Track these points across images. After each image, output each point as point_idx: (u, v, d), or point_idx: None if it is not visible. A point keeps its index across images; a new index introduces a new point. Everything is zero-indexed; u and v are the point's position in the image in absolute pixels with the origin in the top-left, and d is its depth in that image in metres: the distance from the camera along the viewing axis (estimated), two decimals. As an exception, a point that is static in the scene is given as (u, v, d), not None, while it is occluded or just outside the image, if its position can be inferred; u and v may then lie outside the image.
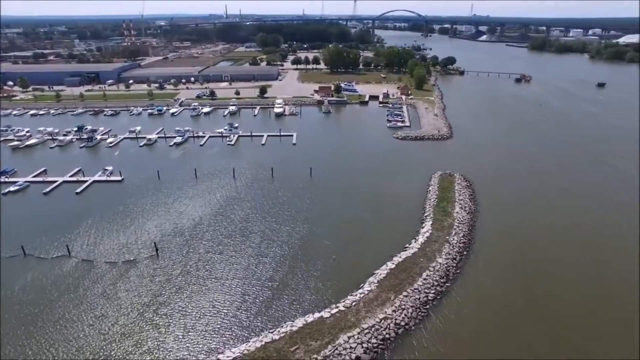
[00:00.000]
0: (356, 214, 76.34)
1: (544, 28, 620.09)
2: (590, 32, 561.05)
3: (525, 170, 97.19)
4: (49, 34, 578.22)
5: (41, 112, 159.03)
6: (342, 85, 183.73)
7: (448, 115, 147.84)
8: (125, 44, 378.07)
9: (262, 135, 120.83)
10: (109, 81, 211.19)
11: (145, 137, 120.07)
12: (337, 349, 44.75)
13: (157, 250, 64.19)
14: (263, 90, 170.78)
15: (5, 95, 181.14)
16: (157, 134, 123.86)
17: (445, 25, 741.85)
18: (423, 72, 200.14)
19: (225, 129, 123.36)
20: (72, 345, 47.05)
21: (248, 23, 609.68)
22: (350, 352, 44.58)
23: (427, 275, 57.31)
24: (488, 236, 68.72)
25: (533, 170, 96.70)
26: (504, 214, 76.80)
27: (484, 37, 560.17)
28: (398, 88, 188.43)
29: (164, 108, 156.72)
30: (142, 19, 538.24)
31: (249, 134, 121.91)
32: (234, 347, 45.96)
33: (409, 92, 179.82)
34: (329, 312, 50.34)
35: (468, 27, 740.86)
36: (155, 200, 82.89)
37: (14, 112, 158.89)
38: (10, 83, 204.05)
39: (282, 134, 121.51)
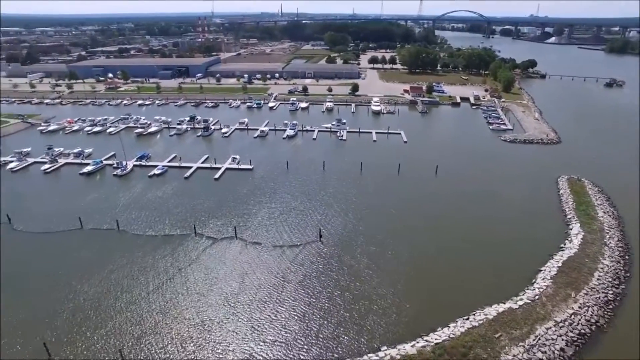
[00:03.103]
0: (493, 214, 77.05)
1: (617, 28, 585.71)
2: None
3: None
4: (121, 30, 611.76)
5: (147, 102, 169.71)
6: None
7: (547, 119, 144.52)
8: (200, 40, 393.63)
9: (371, 132, 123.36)
10: (198, 75, 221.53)
11: (257, 129, 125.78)
12: (539, 339, 46.11)
13: (321, 236, 67.70)
14: (355, 88, 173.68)
15: (112, 86, 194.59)
16: (266, 126, 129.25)
17: (507, 27, 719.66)
18: (512, 75, 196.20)
19: (333, 124, 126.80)
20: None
21: (311, 22, 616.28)
22: (553, 343, 45.80)
23: (599, 276, 57.49)
24: (645, 242, 67.57)
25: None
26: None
27: (552, 39, 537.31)
28: (486, 90, 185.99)
29: (262, 102, 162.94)
30: (212, 15, 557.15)
31: (357, 130, 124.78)
32: (437, 330, 48.21)
33: (499, 94, 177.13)
34: (515, 303, 51.74)
35: (531, 28, 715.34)
36: (301, 188, 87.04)
37: (124, 102, 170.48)
38: (110, 75, 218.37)
39: (389, 131, 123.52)
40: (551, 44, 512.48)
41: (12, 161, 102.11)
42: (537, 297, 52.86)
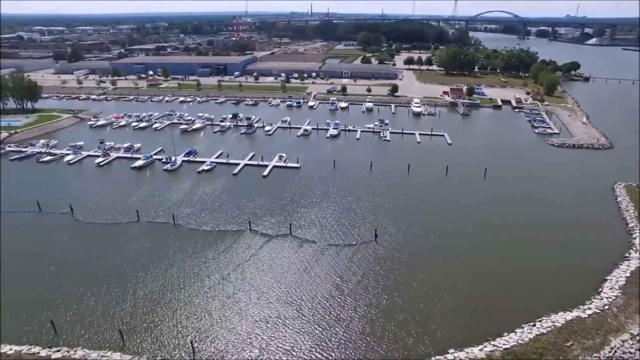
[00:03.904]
0: (549, 220, 75.05)
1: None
2: None
3: None
4: (156, 29, 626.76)
5: (188, 99, 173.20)
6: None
7: (595, 123, 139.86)
8: (235, 38, 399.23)
9: (414, 134, 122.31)
10: (236, 73, 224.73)
11: (300, 128, 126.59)
12: (616, 351, 44.68)
13: (376, 236, 67.58)
14: (394, 89, 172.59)
15: (153, 83, 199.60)
16: (309, 125, 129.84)
17: (542, 28, 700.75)
18: (555, 78, 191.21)
19: (375, 125, 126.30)
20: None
21: (343, 22, 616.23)
22: (632, 357, 44.29)
23: (673, 288, 55.28)
24: None
25: None
26: None
27: (593, 40, 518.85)
28: (528, 93, 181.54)
29: (302, 101, 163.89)
30: (246, 14, 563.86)
31: (400, 131, 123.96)
32: (504, 335, 47.39)
33: (541, 97, 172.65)
34: (583, 312, 50.34)
35: (569, 29, 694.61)
36: (350, 187, 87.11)
37: (166, 99, 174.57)
38: (151, 73, 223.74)
39: (433, 133, 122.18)
40: (592, 45, 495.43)
41: (68, 154, 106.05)
42: (606, 307, 51.25)
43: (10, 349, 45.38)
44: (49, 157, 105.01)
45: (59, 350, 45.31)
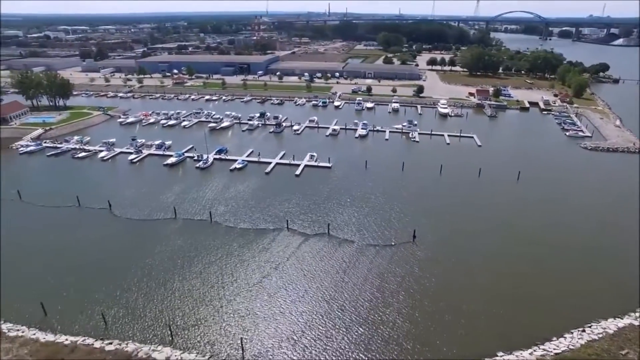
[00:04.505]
0: (590, 225, 73.81)
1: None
2: None
3: None
4: (175, 28, 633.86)
5: (214, 98, 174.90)
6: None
7: (628, 127, 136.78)
8: (255, 38, 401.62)
9: (443, 135, 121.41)
10: (259, 72, 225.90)
11: (328, 128, 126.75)
12: (674, 360, 43.67)
13: (414, 237, 67.29)
14: (420, 90, 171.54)
15: (179, 81, 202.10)
16: (337, 125, 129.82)
17: (565, 28, 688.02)
18: (585, 80, 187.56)
19: (404, 125, 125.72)
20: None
21: (362, 22, 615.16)
22: (690, 366, 43.27)
23: None
24: None
25: None
26: None
27: (619, 41, 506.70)
28: (555, 95, 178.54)
29: (327, 101, 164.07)
30: (267, 14, 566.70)
31: (429, 132, 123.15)
32: (552, 340, 46.76)
33: (570, 100, 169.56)
34: (636, 319, 49.31)
35: (593, 29, 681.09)
36: (384, 188, 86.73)
37: (192, 97, 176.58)
38: (175, 71, 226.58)
39: (462, 134, 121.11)
40: (619, 46, 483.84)
41: (101, 150, 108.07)
42: (659, 315, 50.13)
43: (66, 339, 46.44)
44: (83, 153, 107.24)
45: (111, 343, 46.17)
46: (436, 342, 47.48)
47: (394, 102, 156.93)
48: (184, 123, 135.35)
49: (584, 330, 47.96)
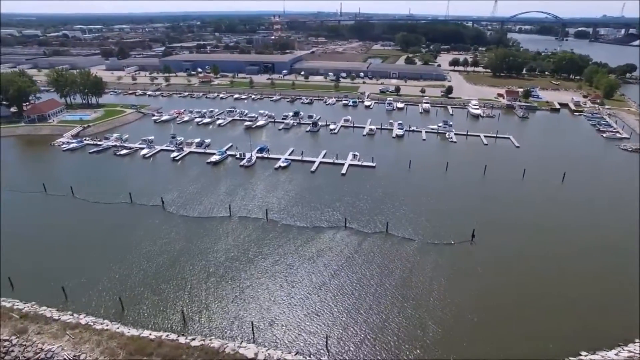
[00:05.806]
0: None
1: None
2: None
3: None
4: (190, 27, 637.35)
5: (243, 97, 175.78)
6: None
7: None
8: (274, 37, 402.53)
9: (479, 135, 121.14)
10: (284, 71, 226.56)
11: (364, 127, 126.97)
12: None
13: (473, 236, 67.31)
14: (449, 90, 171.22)
15: (206, 80, 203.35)
16: (372, 124, 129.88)
17: (581, 28, 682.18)
18: (616, 81, 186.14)
19: (440, 126, 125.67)
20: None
21: (379, 22, 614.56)
22: None
23: None
24: None
25: None
26: None
27: (639, 41, 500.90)
28: (585, 96, 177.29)
29: (357, 100, 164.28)
30: (284, 14, 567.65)
31: (465, 132, 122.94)
32: (635, 342, 46.67)
33: (602, 101, 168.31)
34: None
35: (610, 30, 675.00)
36: (431, 188, 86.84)
37: (221, 96, 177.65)
38: (200, 70, 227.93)
39: (498, 135, 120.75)
40: (638, 46, 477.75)
41: (142, 148, 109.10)
42: None
43: (150, 334, 47.07)
44: (125, 151, 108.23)
45: (194, 339, 46.64)
46: (516, 340, 47.38)
47: (425, 103, 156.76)
48: (218, 121, 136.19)
49: (648, 338, 47.71)
